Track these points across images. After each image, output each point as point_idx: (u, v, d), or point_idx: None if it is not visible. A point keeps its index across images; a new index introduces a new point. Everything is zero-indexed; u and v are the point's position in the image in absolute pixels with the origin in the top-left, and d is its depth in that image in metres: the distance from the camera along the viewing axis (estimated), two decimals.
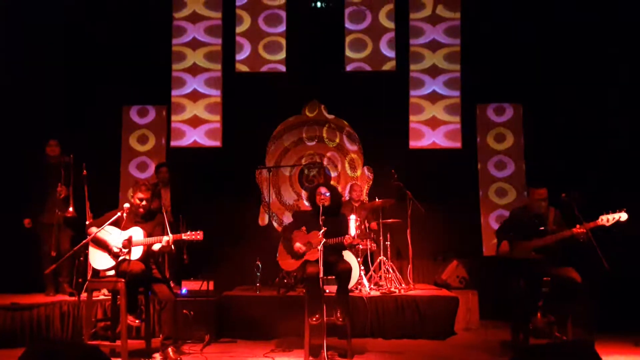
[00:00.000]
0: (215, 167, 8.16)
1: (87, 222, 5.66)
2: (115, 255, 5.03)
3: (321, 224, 5.07)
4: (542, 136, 7.87)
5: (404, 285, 6.84)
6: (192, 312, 5.98)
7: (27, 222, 6.54)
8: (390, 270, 6.87)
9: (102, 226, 4.99)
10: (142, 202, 5.18)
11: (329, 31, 8.37)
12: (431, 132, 8.21)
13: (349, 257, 6.16)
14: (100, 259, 5.10)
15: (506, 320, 6.01)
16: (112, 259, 5.05)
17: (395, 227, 7.17)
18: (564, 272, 5.12)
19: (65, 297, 6.21)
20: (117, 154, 8.22)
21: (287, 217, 8.15)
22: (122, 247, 5.00)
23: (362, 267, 6.73)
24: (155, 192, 6.98)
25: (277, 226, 8.17)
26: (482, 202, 8.12)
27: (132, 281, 4.91)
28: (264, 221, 8.24)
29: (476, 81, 8.13)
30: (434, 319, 6.24)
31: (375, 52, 8.33)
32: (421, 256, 7.70)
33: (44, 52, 7.78)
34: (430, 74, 8.28)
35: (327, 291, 5.37)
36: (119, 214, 5.04)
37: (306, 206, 6.35)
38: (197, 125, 8.33)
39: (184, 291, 6.32)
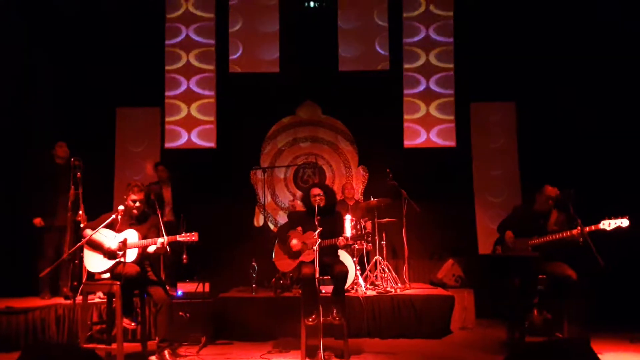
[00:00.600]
0: (209, 168, 8.14)
1: (82, 225, 5.63)
2: (110, 256, 5.01)
3: (316, 224, 5.07)
4: (536, 134, 7.90)
5: (399, 284, 6.84)
6: (188, 314, 5.96)
7: (38, 221, 6.43)
8: (386, 269, 6.87)
9: (97, 229, 4.97)
10: (136, 204, 5.17)
11: (322, 31, 8.37)
12: (425, 130, 8.22)
13: (345, 257, 6.16)
14: (95, 261, 5.07)
15: (502, 318, 6.03)
16: (108, 260, 5.03)
17: (390, 226, 7.17)
18: (560, 269, 5.13)
19: (60, 300, 6.18)
20: (111, 156, 8.19)
21: (282, 218, 8.14)
22: (117, 249, 4.99)
23: (358, 267, 6.73)
24: (150, 190, 7.00)
25: (272, 227, 8.16)
26: (477, 200, 8.14)
27: (128, 284, 4.89)
28: (259, 222, 8.23)
29: (470, 79, 8.14)
30: (430, 318, 6.24)
31: (368, 51, 8.32)
32: (417, 255, 7.72)
33: (35, 53, 7.76)
34: (424, 73, 8.29)
35: (323, 291, 5.36)
36: (114, 217, 5.02)
37: (301, 206, 6.35)
38: (191, 126, 8.31)
39: (180, 293, 6.30)
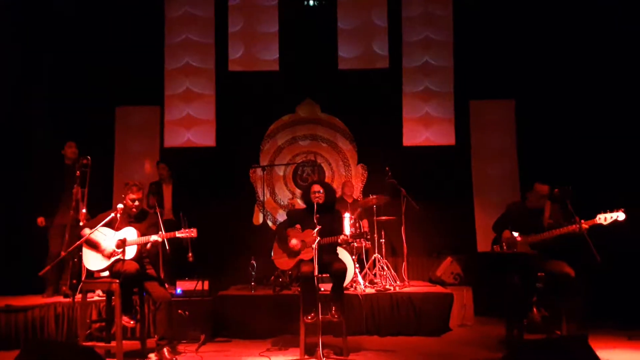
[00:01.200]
0: (209, 167, 8.15)
1: (81, 224, 5.65)
2: (109, 255, 5.02)
3: (316, 222, 5.08)
4: (536, 131, 7.89)
5: (398, 282, 6.86)
6: (187, 312, 5.97)
7: (40, 220, 6.46)
8: (384, 267, 6.89)
9: (96, 227, 4.98)
10: (135, 203, 5.18)
11: (321, 30, 8.37)
12: (424, 129, 8.23)
13: (344, 255, 6.17)
14: (93, 260, 5.08)
15: (501, 316, 6.03)
16: (106, 259, 5.04)
17: (389, 224, 7.19)
18: (558, 266, 5.13)
19: (59, 298, 6.19)
20: (111, 155, 8.20)
21: (281, 216, 8.15)
22: (115, 247, 5.00)
23: (357, 265, 6.74)
24: (152, 190, 7.02)
25: (271, 225, 8.17)
26: (476, 198, 8.14)
27: (127, 281, 4.90)
28: (258, 220, 8.24)
29: (469, 77, 8.15)
30: (429, 316, 6.25)
31: (368, 49, 8.33)
32: (416, 253, 7.73)
33: (35, 52, 7.77)
34: (423, 71, 8.29)
35: (322, 289, 5.37)
36: (113, 215, 5.03)
37: (300, 204, 6.35)
38: (191, 124, 8.32)
39: (179, 291, 6.32)
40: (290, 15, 8.38)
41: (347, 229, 6.59)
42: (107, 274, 5.11)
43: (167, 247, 5.15)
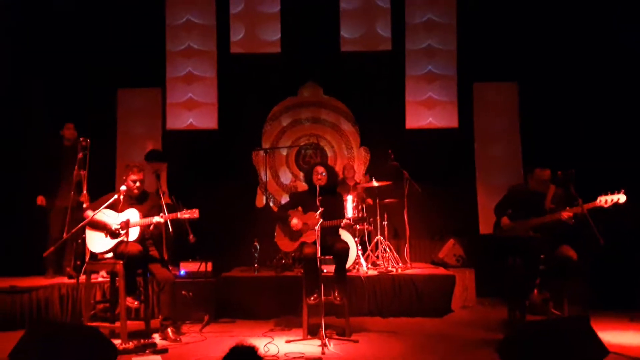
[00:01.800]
0: (211, 149, 8.15)
1: (84, 206, 5.66)
2: (113, 235, 5.05)
3: (318, 204, 5.08)
4: (539, 114, 7.85)
5: (401, 264, 6.88)
6: (190, 293, 6.02)
7: (40, 199, 6.47)
8: (387, 249, 6.90)
9: (99, 209, 5.00)
10: (136, 184, 5.20)
11: (324, 11, 8.29)
12: (427, 111, 8.19)
13: (346, 237, 6.19)
14: (97, 241, 5.11)
15: (503, 297, 6.05)
16: (110, 240, 5.06)
17: (392, 207, 7.19)
18: (560, 249, 5.13)
19: (64, 279, 6.22)
20: (113, 137, 8.19)
21: (284, 198, 8.16)
22: (119, 228, 5.02)
23: (360, 247, 6.75)
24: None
25: (274, 207, 8.18)
26: (479, 180, 8.13)
27: (130, 263, 4.94)
28: (261, 202, 8.24)
29: (472, 60, 8.09)
30: (431, 297, 6.28)
31: (370, 32, 8.26)
32: (418, 235, 7.75)
33: (36, 35, 7.73)
34: (426, 54, 8.24)
35: (325, 271, 5.39)
36: (116, 197, 5.04)
37: (303, 187, 6.33)
38: (193, 107, 8.30)
39: (183, 272, 6.35)
40: None
41: (349, 212, 6.59)
42: (110, 255, 5.13)
43: (170, 228, 5.16)
